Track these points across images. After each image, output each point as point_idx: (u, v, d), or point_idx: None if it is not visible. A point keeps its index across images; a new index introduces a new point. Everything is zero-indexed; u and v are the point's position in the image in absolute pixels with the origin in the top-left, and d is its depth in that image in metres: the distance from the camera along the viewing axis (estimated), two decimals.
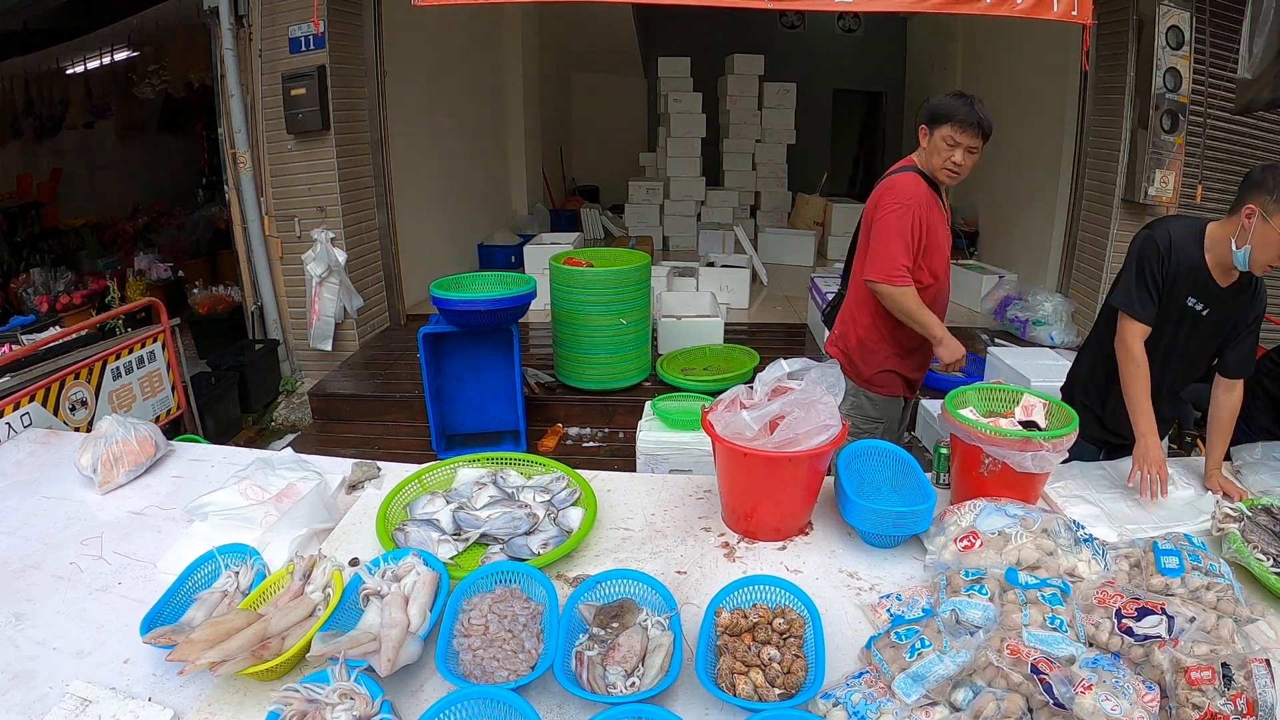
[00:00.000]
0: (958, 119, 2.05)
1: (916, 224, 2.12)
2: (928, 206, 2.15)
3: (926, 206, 2.15)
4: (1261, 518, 1.61)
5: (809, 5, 4.03)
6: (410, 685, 1.21)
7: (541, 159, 8.80)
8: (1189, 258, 1.85)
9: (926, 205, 2.15)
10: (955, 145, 2.07)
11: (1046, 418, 1.71)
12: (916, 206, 2.12)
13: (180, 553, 1.54)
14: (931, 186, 2.19)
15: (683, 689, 1.19)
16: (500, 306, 3.31)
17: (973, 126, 2.04)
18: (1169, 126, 4.17)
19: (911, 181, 2.17)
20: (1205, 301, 1.88)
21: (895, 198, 2.14)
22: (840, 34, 10.17)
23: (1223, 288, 1.86)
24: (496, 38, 7.49)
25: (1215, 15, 4.14)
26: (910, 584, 1.45)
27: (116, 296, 5.21)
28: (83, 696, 1.17)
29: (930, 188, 2.18)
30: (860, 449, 1.76)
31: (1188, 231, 1.87)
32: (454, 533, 1.58)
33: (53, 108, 7.03)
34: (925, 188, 2.17)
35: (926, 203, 2.15)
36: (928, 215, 2.15)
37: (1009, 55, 6.08)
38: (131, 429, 1.94)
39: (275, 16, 4.35)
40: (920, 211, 2.13)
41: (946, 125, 2.07)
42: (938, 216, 2.20)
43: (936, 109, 2.11)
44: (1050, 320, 4.70)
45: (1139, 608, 1.16)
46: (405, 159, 5.33)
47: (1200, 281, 1.86)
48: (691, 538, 1.62)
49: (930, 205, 2.17)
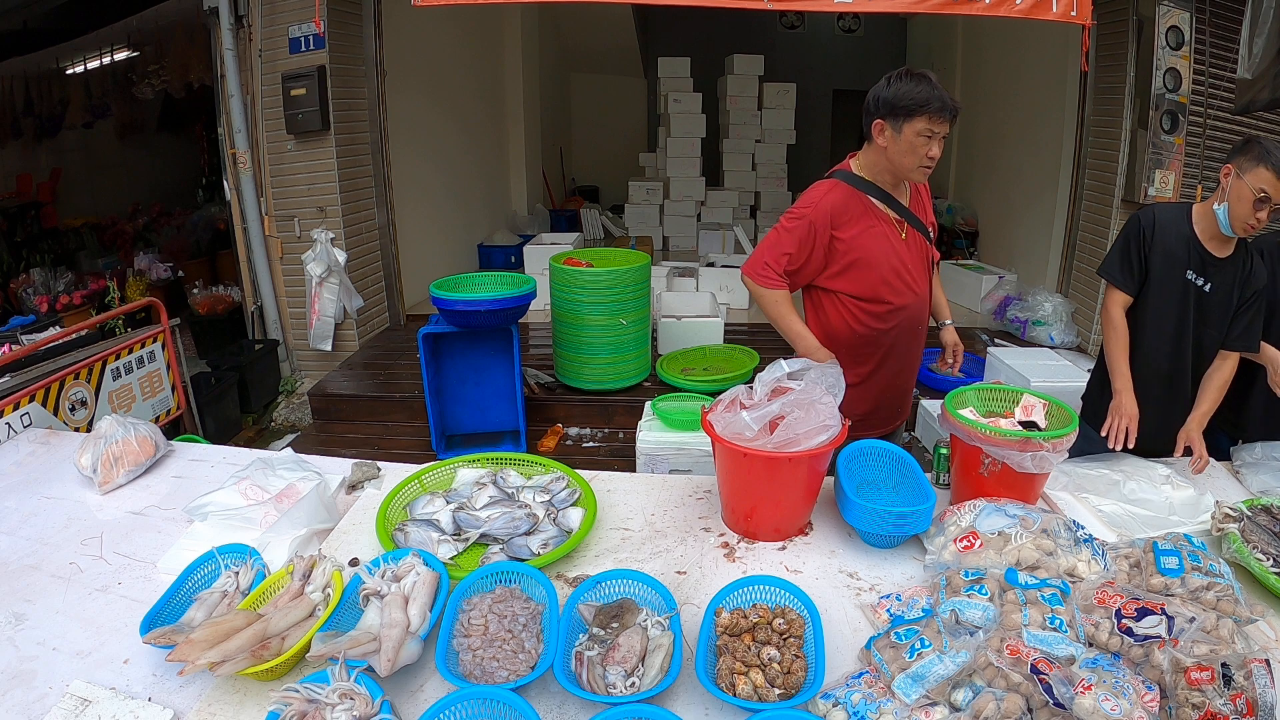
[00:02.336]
0: (933, 108, 1.76)
1: (808, 236, 1.90)
2: (832, 219, 1.90)
3: (828, 218, 1.90)
4: (1261, 518, 1.61)
5: (809, 5, 4.02)
6: (410, 685, 1.21)
7: (541, 159, 8.80)
8: (1178, 232, 1.95)
9: (829, 217, 1.90)
10: (931, 138, 1.80)
11: (1046, 418, 1.71)
12: (810, 213, 1.89)
13: (180, 553, 1.54)
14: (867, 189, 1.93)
15: (683, 689, 1.19)
16: (500, 307, 3.31)
17: (948, 112, 1.78)
18: (1169, 127, 4.17)
19: (819, 191, 1.92)
20: (1204, 274, 1.96)
21: (791, 208, 1.96)
22: (840, 34, 10.17)
23: (1219, 258, 1.95)
24: (497, 38, 7.49)
25: (1215, 15, 4.14)
26: (910, 584, 1.45)
27: (116, 296, 5.21)
28: (83, 696, 1.17)
29: (860, 192, 1.92)
30: (860, 449, 1.76)
31: (1176, 210, 1.99)
32: (454, 533, 1.58)
33: (52, 108, 7.03)
34: (839, 196, 1.90)
35: (830, 214, 1.90)
36: (839, 225, 1.90)
37: (1009, 55, 6.09)
38: (131, 429, 1.94)
39: (275, 16, 4.35)
40: (817, 222, 1.89)
41: (920, 118, 1.78)
42: (864, 226, 1.91)
43: (901, 100, 1.78)
44: (1050, 320, 4.70)
45: (1139, 608, 1.16)
46: (405, 159, 5.33)
47: (1195, 253, 1.95)
48: (691, 538, 1.62)
49: (847, 216, 1.90)
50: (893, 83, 1.81)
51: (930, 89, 1.77)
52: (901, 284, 1.98)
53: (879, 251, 1.93)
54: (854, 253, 1.92)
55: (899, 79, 1.81)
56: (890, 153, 1.86)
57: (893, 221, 1.96)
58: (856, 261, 1.93)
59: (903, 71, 1.82)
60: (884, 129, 1.84)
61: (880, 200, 1.95)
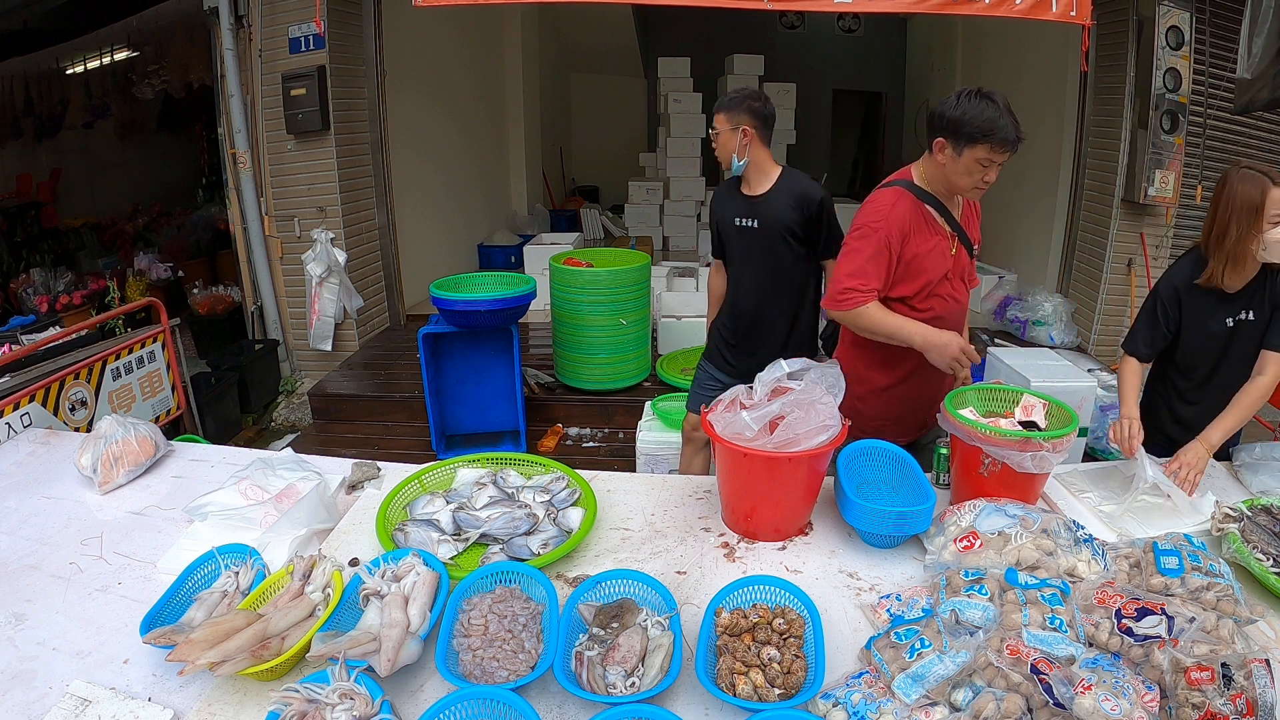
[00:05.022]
0: (997, 139, 1.71)
1: (881, 246, 1.86)
2: (904, 229, 1.88)
3: (901, 229, 1.87)
4: (1261, 518, 1.61)
5: (809, 5, 4.03)
6: (410, 685, 1.21)
7: (541, 159, 8.80)
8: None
9: (902, 227, 1.87)
10: (989, 165, 1.76)
11: (1046, 418, 1.70)
12: (882, 227, 1.86)
13: (180, 553, 1.54)
14: (928, 201, 1.91)
15: (683, 689, 1.19)
16: (500, 307, 3.31)
17: (1012, 146, 1.73)
18: (1169, 126, 4.17)
19: (887, 201, 1.89)
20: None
21: (860, 219, 1.91)
22: (840, 34, 10.17)
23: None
24: (497, 38, 7.49)
25: (1215, 15, 4.14)
26: (910, 584, 1.45)
27: (116, 296, 5.21)
28: (83, 696, 1.17)
29: (923, 203, 1.90)
30: (860, 449, 1.76)
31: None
32: (454, 533, 1.58)
33: (52, 108, 7.03)
34: (906, 207, 1.88)
35: (903, 224, 1.87)
36: (907, 237, 1.88)
37: (1009, 55, 6.09)
38: (131, 429, 1.94)
39: (275, 16, 4.35)
40: (887, 234, 1.86)
41: (983, 146, 1.72)
42: (925, 239, 1.90)
43: (966, 123, 1.73)
44: (1050, 320, 4.70)
45: (1139, 608, 1.16)
46: (405, 159, 5.33)
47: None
48: (691, 538, 1.62)
49: (914, 227, 1.88)
50: (961, 101, 1.75)
51: (997, 116, 1.71)
52: (946, 294, 1.97)
53: (933, 264, 1.92)
54: (913, 263, 1.90)
55: (968, 98, 1.75)
56: (948, 170, 1.83)
57: (947, 235, 1.95)
58: (910, 271, 1.91)
59: (973, 91, 1.76)
60: (945, 147, 1.80)
61: (938, 212, 1.93)
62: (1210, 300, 1.94)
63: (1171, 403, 2.10)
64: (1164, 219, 4.47)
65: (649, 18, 9.50)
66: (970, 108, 1.73)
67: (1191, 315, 1.98)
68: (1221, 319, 1.94)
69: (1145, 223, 4.48)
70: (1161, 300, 2.00)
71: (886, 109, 10.45)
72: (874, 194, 1.95)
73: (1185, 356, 2.04)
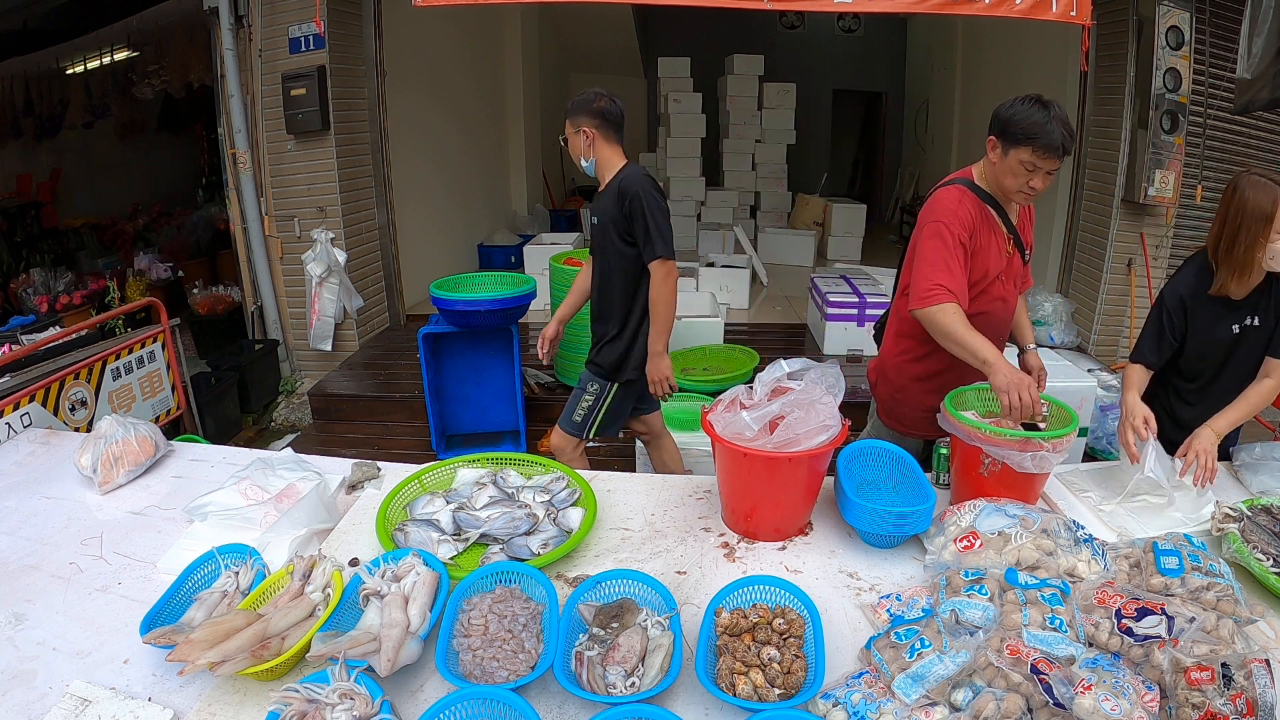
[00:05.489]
0: (1040, 143, 1.73)
1: (955, 243, 1.85)
2: (972, 226, 1.88)
3: (969, 226, 1.88)
4: (1261, 518, 1.61)
5: (809, 5, 4.02)
6: (410, 685, 1.21)
7: (541, 159, 8.80)
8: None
9: (970, 224, 1.88)
10: (1034, 170, 1.78)
11: (1046, 418, 1.71)
12: (954, 224, 1.86)
13: (180, 553, 1.54)
14: (988, 201, 1.93)
15: (683, 689, 1.19)
16: (500, 307, 3.31)
17: (1056, 153, 1.74)
18: (1169, 126, 4.17)
19: (953, 199, 1.90)
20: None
21: (931, 217, 1.90)
22: (840, 34, 10.18)
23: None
24: (497, 38, 7.49)
25: (1215, 15, 4.14)
26: (910, 584, 1.45)
27: (116, 296, 5.21)
28: (83, 696, 1.17)
29: (984, 202, 1.92)
30: (860, 449, 1.76)
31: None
32: (454, 533, 1.58)
33: (52, 108, 7.03)
34: (970, 205, 1.89)
35: (970, 222, 1.88)
36: (974, 233, 1.89)
37: (1009, 55, 6.09)
38: (131, 429, 1.94)
39: (275, 16, 4.34)
40: (959, 231, 1.86)
41: (1026, 149, 1.75)
42: (986, 237, 1.92)
43: (1014, 124, 1.77)
44: (1050, 320, 4.70)
45: (1139, 608, 1.16)
46: (405, 159, 5.33)
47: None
48: (691, 538, 1.62)
49: (978, 224, 1.89)
50: (1015, 103, 1.80)
51: (1046, 121, 1.73)
52: (997, 295, 1.98)
53: (991, 263, 1.93)
54: (976, 258, 1.91)
55: (1023, 102, 1.79)
56: (997, 170, 1.86)
57: (1005, 236, 1.96)
58: (973, 266, 1.92)
59: (1033, 97, 1.79)
60: (995, 146, 1.84)
61: (996, 213, 1.95)
62: (1216, 307, 1.93)
63: (1171, 404, 2.09)
64: (1164, 219, 4.47)
65: (649, 18, 9.51)
66: (1021, 110, 1.77)
67: (1197, 323, 1.97)
68: (1228, 325, 1.93)
69: (1145, 223, 4.48)
70: (1167, 310, 1.99)
71: (886, 109, 10.46)
72: (937, 193, 1.97)
73: (1190, 362, 2.03)
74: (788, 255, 7.42)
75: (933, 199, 1.95)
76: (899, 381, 2.11)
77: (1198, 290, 1.94)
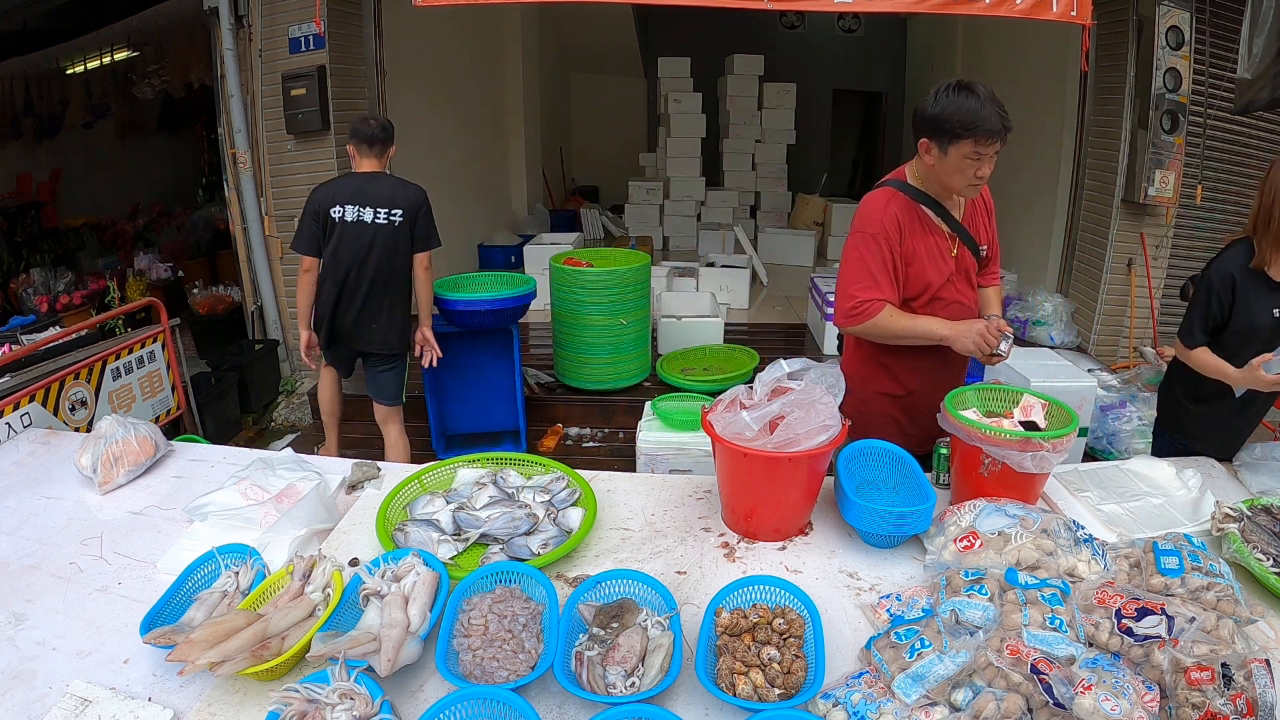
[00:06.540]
0: (980, 131, 1.63)
1: (878, 248, 1.80)
2: (902, 227, 1.81)
3: (897, 228, 1.81)
4: (1261, 518, 1.61)
5: (809, 5, 4.02)
6: (410, 685, 1.21)
7: (541, 159, 8.80)
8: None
9: (896, 227, 1.81)
10: (979, 159, 1.68)
11: (1046, 418, 1.70)
12: (877, 231, 1.80)
13: (180, 553, 1.54)
14: (922, 200, 1.85)
15: (683, 689, 1.19)
16: (500, 306, 3.31)
17: (999, 135, 1.65)
18: (1169, 127, 4.17)
19: (879, 202, 1.83)
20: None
21: (854, 226, 1.86)
22: (840, 34, 10.18)
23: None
24: (497, 38, 7.49)
25: (1215, 15, 4.14)
26: (910, 584, 1.45)
27: (116, 296, 5.21)
28: (83, 696, 1.17)
29: (917, 202, 1.84)
30: (860, 449, 1.76)
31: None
32: (454, 533, 1.58)
33: (52, 108, 7.02)
34: (898, 206, 1.82)
35: (897, 224, 1.81)
36: (903, 236, 1.82)
37: (1009, 55, 6.08)
38: (131, 429, 1.94)
39: (275, 16, 4.34)
40: (889, 235, 1.80)
41: (967, 142, 1.65)
42: (919, 241, 1.84)
43: (947, 119, 1.66)
44: (1050, 320, 4.70)
45: (1139, 608, 1.16)
46: (404, 159, 5.28)
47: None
48: (691, 538, 1.62)
49: (909, 226, 1.82)
50: (939, 98, 1.68)
51: (978, 108, 1.63)
52: (951, 298, 1.90)
53: (932, 266, 1.85)
54: (910, 264, 1.84)
55: (946, 93, 1.67)
56: (938, 171, 1.76)
57: (946, 235, 1.88)
58: (910, 273, 1.85)
59: (951, 85, 1.68)
60: (930, 148, 1.73)
61: (934, 212, 1.86)
62: (1260, 286, 1.98)
63: (1197, 383, 2.12)
64: (1164, 219, 4.47)
65: (649, 18, 9.50)
66: (949, 103, 1.66)
67: (1242, 301, 2.00)
68: (1269, 309, 1.97)
69: (1145, 223, 4.48)
70: (1215, 288, 2.02)
71: (886, 109, 10.45)
72: (866, 197, 1.90)
73: (1227, 345, 2.05)
74: (788, 255, 7.42)
75: (860, 204, 1.88)
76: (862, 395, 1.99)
77: (1244, 267, 1.99)
